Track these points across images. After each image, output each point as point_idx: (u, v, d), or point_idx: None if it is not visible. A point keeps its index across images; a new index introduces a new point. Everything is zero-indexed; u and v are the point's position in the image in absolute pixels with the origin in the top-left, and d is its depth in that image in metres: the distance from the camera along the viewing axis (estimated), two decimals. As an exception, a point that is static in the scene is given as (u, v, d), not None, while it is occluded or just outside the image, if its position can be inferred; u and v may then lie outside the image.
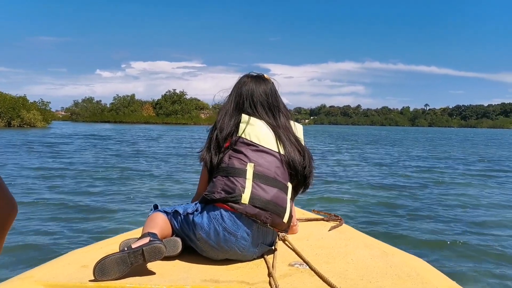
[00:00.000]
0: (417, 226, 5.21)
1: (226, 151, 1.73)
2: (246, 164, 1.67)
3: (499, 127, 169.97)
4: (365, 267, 1.62)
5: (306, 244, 1.94)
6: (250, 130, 1.75)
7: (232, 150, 1.72)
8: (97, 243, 1.97)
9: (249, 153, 1.70)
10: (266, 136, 1.75)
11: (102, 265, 1.40)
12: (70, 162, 11.47)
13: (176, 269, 1.58)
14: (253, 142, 1.72)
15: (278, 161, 1.73)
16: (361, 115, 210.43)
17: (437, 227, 5.15)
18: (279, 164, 1.72)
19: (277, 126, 1.81)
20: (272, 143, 1.74)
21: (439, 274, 1.65)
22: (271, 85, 1.91)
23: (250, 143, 1.72)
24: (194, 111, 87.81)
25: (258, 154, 1.70)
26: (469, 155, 17.95)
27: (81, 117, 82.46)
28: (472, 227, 5.23)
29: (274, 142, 1.75)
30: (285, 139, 1.77)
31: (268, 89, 1.87)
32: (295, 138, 1.82)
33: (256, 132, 1.75)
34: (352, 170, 11.54)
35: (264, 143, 1.73)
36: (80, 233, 4.51)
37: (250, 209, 1.61)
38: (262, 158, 1.70)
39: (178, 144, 21.47)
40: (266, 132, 1.77)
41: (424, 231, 4.96)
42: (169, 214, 1.76)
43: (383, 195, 7.57)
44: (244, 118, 1.78)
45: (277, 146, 1.75)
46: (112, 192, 7.14)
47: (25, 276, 1.49)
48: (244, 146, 1.72)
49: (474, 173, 11.17)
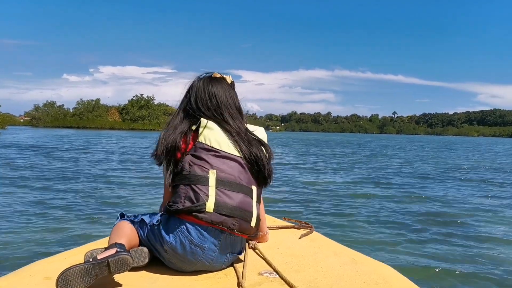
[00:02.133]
0: (387, 232, 5.38)
1: (185, 158, 1.69)
2: (208, 171, 1.65)
3: (464, 134, 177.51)
4: (334, 275, 1.64)
5: (276, 252, 1.95)
6: (209, 135, 1.71)
7: (192, 156, 1.68)
8: (61, 253, 1.90)
9: (211, 159, 1.67)
10: (225, 141, 1.72)
11: (65, 277, 1.36)
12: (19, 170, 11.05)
13: (142, 280, 1.56)
14: (214, 148, 1.69)
15: (240, 165, 1.71)
16: (331, 122, 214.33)
17: (407, 234, 5.34)
18: (241, 169, 1.71)
19: (229, 127, 1.76)
20: (232, 147, 1.72)
21: (408, 281, 1.69)
22: (224, 85, 1.84)
23: (210, 148, 1.69)
24: (162, 116, 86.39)
25: (219, 160, 1.68)
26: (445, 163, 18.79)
27: (42, 122, 79.34)
28: (442, 231, 5.52)
29: (233, 147, 1.73)
30: (243, 142, 1.74)
31: (217, 89, 1.81)
32: (249, 137, 1.78)
33: (216, 136, 1.71)
34: (325, 177, 11.81)
35: (225, 148, 1.71)
36: (43, 243, 4.38)
37: (215, 217, 1.60)
38: (224, 164, 1.68)
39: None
40: (224, 136, 1.73)
41: (395, 238, 5.13)
42: (136, 223, 1.73)
43: (356, 201, 7.80)
44: (203, 122, 1.73)
45: (237, 150, 1.72)
46: (75, 201, 6.95)
47: None
48: (204, 152, 1.68)
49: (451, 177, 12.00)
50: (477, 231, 5.57)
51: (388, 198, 8.27)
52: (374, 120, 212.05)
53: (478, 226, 5.92)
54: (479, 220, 6.29)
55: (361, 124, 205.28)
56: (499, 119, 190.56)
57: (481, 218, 6.43)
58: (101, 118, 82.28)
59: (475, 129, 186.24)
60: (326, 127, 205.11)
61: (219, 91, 1.82)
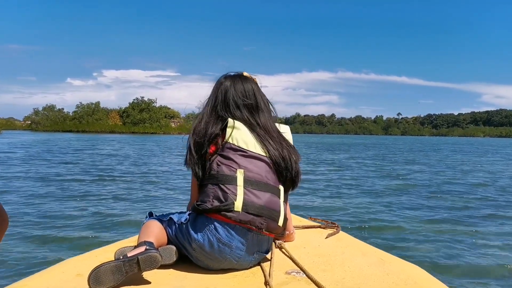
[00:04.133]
0: (416, 234, 5.36)
1: (213, 157, 1.72)
2: (236, 170, 1.67)
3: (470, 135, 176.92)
4: (362, 275, 1.64)
5: (303, 252, 1.96)
6: (237, 135, 1.73)
7: (220, 156, 1.71)
8: (92, 251, 1.94)
9: (238, 159, 1.69)
10: (252, 141, 1.74)
11: (96, 274, 1.39)
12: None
13: (171, 277, 1.58)
14: (241, 148, 1.71)
15: (267, 165, 1.73)
16: (336, 124, 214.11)
17: (435, 236, 5.30)
18: (268, 168, 1.73)
19: (257, 128, 1.78)
20: (258, 147, 1.74)
21: (437, 282, 1.69)
22: (251, 83, 1.86)
23: (238, 148, 1.71)
24: (163, 119, 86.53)
25: (247, 159, 1.70)
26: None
27: (41, 127, 79.65)
28: (472, 234, 5.41)
29: (259, 146, 1.74)
30: (268, 141, 1.76)
31: (246, 88, 1.83)
32: (278, 138, 1.81)
33: (243, 136, 1.73)
34: (350, 178, 11.77)
35: (252, 148, 1.73)
36: (75, 241, 4.58)
37: (243, 216, 1.62)
38: (251, 163, 1.70)
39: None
40: (252, 136, 1.75)
41: (422, 239, 5.10)
42: (164, 222, 1.75)
43: (381, 202, 7.77)
44: (230, 122, 1.75)
45: (263, 150, 1.74)
46: (104, 198, 7.24)
47: (18, 286, 1.47)
48: (232, 152, 1.70)
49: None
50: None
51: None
52: (379, 121, 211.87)
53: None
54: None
55: (365, 126, 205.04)
56: (505, 119, 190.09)
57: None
58: (101, 121, 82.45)
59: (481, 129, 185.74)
60: (330, 129, 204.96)
61: (250, 91, 1.84)
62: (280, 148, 1.77)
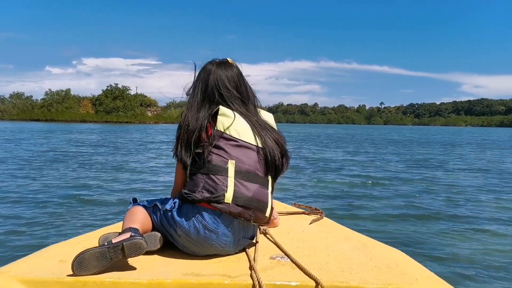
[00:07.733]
0: (396, 218, 5.60)
1: (204, 146, 1.70)
2: (228, 161, 1.67)
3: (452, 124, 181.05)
4: (345, 259, 1.70)
5: (287, 237, 2.02)
6: (228, 124, 1.71)
7: (211, 145, 1.69)
8: (76, 237, 1.96)
9: (230, 149, 1.69)
10: (244, 129, 1.74)
11: (80, 260, 1.41)
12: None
13: (156, 263, 1.61)
14: (233, 137, 1.71)
15: (258, 155, 1.74)
16: (318, 113, 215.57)
17: (416, 220, 5.55)
18: (259, 158, 1.74)
19: (250, 116, 1.79)
20: (250, 136, 1.74)
21: (418, 265, 1.77)
22: (237, 70, 1.86)
23: (230, 138, 1.70)
24: (138, 108, 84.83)
25: (239, 149, 1.70)
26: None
27: (7, 115, 77.29)
28: (451, 219, 5.68)
29: (252, 135, 1.74)
30: (261, 130, 1.77)
31: (235, 75, 1.83)
32: (269, 127, 1.82)
33: (235, 125, 1.72)
34: (334, 164, 12.03)
35: (244, 137, 1.72)
36: (58, 227, 4.58)
37: (233, 208, 1.64)
38: (243, 153, 1.70)
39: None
40: (243, 124, 1.75)
41: (403, 223, 5.34)
42: (149, 208, 1.77)
43: (363, 188, 8.04)
44: (222, 110, 1.73)
45: (255, 139, 1.75)
46: (88, 185, 7.30)
47: (0, 272, 1.48)
48: (224, 141, 1.70)
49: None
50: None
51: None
52: (362, 111, 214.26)
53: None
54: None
55: (348, 115, 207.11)
56: (486, 108, 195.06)
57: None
58: (72, 110, 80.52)
59: (462, 119, 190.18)
60: (313, 118, 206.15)
61: (238, 77, 1.85)
62: (271, 134, 1.79)
